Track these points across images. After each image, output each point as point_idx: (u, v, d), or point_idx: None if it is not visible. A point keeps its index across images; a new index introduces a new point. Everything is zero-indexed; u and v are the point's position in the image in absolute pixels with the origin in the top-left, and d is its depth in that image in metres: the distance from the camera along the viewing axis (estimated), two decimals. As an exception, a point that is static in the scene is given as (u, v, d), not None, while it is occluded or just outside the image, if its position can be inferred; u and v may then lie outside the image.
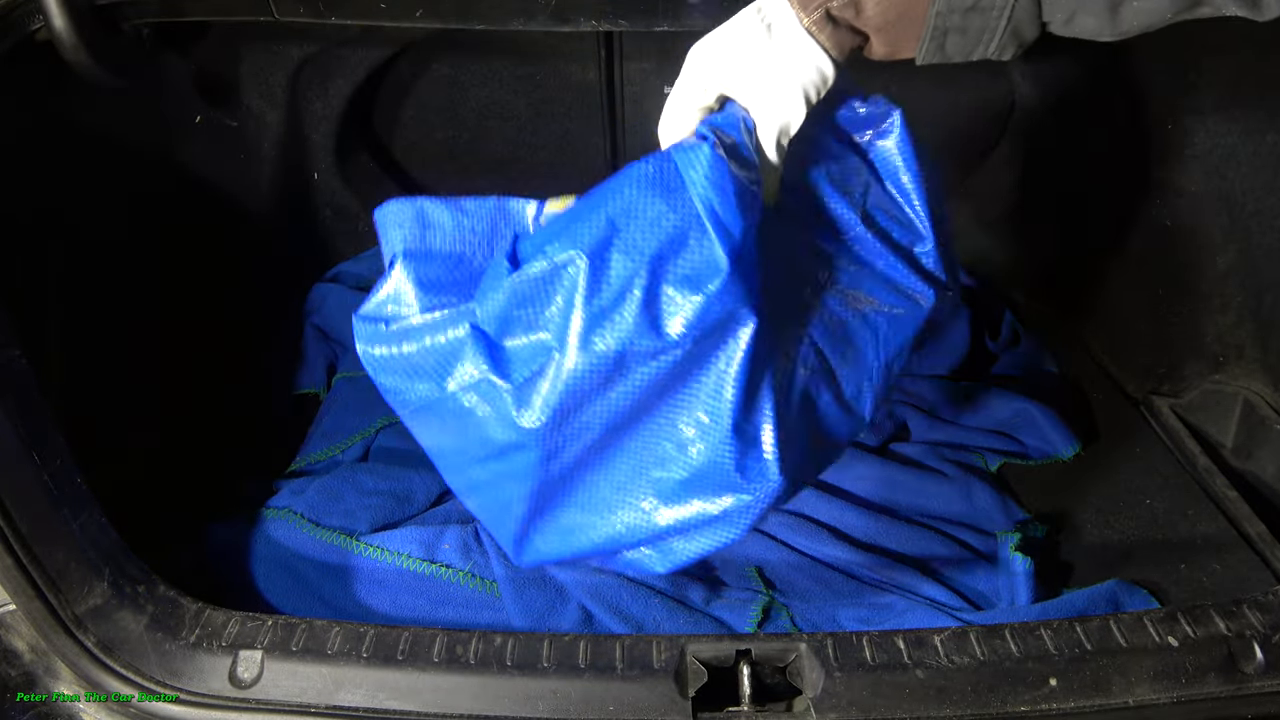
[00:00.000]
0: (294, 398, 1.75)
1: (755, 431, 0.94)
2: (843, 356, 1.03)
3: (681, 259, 0.88)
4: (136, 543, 1.12)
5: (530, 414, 0.91)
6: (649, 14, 1.13)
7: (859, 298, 1.06)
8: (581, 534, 1.01)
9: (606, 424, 0.93)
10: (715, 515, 0.95)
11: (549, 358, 0.90)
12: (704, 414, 0.93)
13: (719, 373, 0.91)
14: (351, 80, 1.87)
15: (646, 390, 0.91)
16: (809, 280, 1.03)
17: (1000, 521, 1.46)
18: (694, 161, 0.87)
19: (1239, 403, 1.60)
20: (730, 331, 0.90)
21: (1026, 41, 0.91)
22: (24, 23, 1.14)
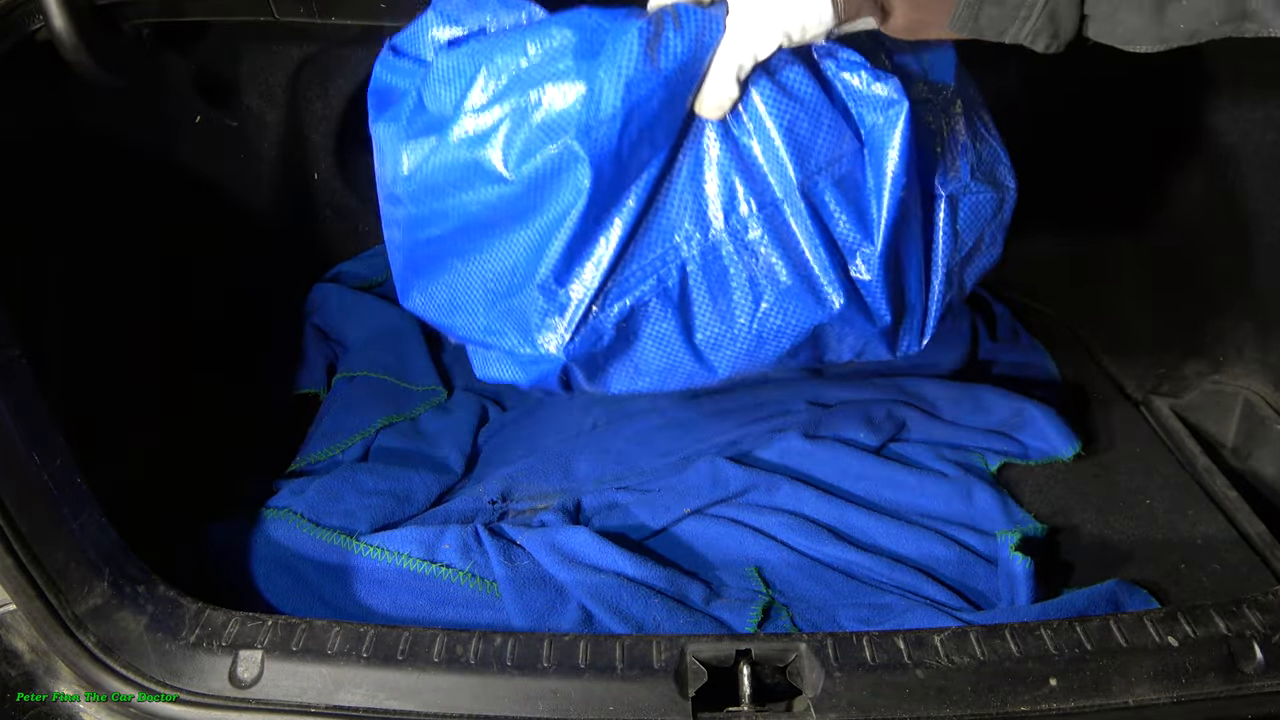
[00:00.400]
0: (294, 398, 1.75)
1: (564, 301, 0.99)
2: (710, 301, 1.02)
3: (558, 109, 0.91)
4: (136, 543, 1.12)
5: (405, 173, 1.01)
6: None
7: (756, 260, 1.01)
8: (439, 310, 1.09)
9: (461, 222, 1.00)
10: (516, 355, 1.03)
11: (433, 137, 0.98)
12: (527, 258, 0.98)
13: (549, 226, 0.96)
14: (351, 80, 1.87)
15: (493, 210, 0.98)
16: (712, 212, 1.00)
17: (1000, 521, 1.46)
18: (620, 45, 0.90)
19: (1239, 403, 1.60)
20: (572, 191, 0.93)
21: (1062, 32, 0.85)
22: (24, 23, 1.14)
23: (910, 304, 1.08)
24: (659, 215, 0.99)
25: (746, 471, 1.49)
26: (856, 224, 1.00)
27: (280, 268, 1.96)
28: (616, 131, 0.91)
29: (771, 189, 0.99)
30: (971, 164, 1.07)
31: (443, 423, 1.67)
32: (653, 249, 1.00)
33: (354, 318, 1.87)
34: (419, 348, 1.81)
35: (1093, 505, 1.53)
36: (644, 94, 0.90)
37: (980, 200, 1.08)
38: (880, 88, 0.98)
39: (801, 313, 1.01)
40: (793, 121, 0.96)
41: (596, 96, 0.90)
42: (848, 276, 1.02)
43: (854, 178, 1.00)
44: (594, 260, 0.98)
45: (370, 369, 1.75)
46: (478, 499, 1.47)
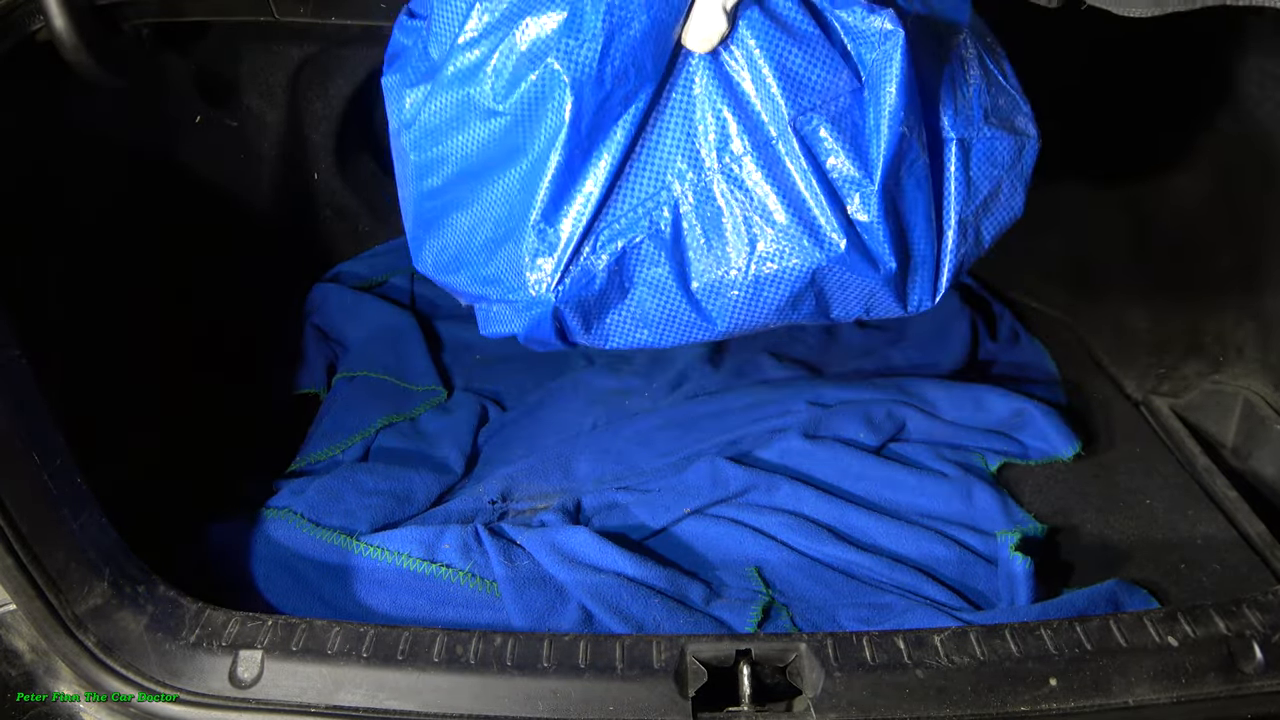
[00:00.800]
0: (294, 398, 1.75)
1: (553, 240, 0.98)
2: (705, 244, 1.00)
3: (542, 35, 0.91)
4: (136, 543, 1.12)
5: (407, 119, 1.02)
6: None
7: (751, 200, 0.98)
8: (445, 266, 1.09)
9: (458, 167, 1.01)
10: (512, 302, 1.02)
11: (430, 81, 0.99)
12: (520, 198, 0.98)
13: (537, 160, 0.95)
14: (351, 80, 1.87)
15: (486, 149, 0.98)
16: (704, 149, 0.98)
17: (1000, 521, 1.46)
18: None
19: (1239, 403, 1.60)
20: (555, 117, 0.93)
21: None
22: (24, 23, 1.14)
23: (920, 253, 1.03)
24: (649, 152, 0.97)
25: (746, 471, 1.49)
26: (855, 162, 0.97)
27: (280, 268, 1.96)
28: (597, 53, 0.90)
29: (765, 126, 0.96)
30: (986, 108, 1.03)
31: (443, 423, 1.67)
32: (644, 187, 0.98)
33: (354, 318, 1.87)
34: (419, 348, 1.81)
35: (1093, 505, 1.53)
36: (624, 17, 0.89)
37: (996, 146, 1.04)
38: (875, 20, 0.95)
39: (799, 254, 0.97)
40: (785, 56, 0.94)
41: (577, 18, 0.89)
42: (847, 217, 0.97)
43: (851, 115, 0.97)
44: (583, 195, 0.97)
45: (370, 369, 1.75)
46: (478, 499, 1.47)
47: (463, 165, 1.01)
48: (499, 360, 1.84)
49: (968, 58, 1.04)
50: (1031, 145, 1.07)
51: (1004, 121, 1.05)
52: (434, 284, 2.02)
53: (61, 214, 1.38)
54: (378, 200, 2.08)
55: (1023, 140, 1.06)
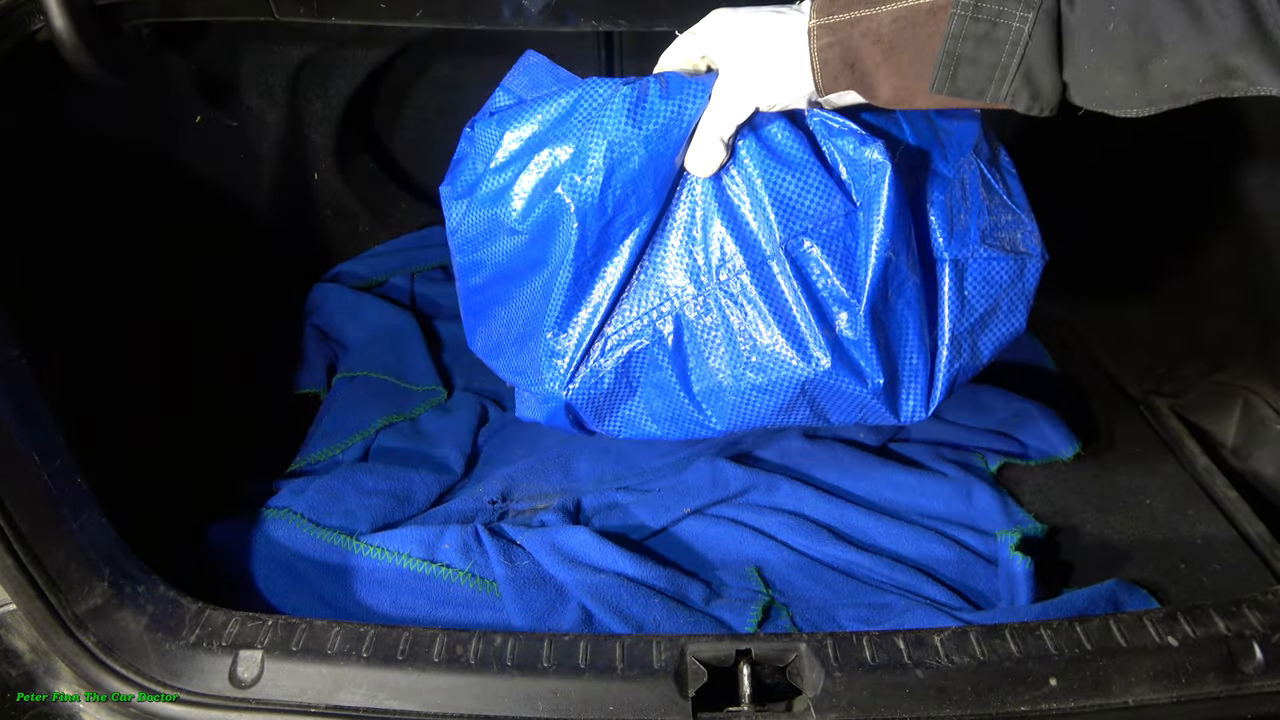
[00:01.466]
0: (294, 398, 1.75)
1: (565, 344, 1.09)
2: (702, 353, 1.07)
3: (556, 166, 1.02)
4: (136, 543, 1.12)
5: (452, 227, 1.13)
6: (649, 14, 1.13)
7: (745, 315, 1.05)
8: (489, 353, 1.21)
9: (493, 270, 1.12)
10: (536, 391, 1.12)
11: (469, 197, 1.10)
12: (540, 304, 1.09)
13: (552, 274, 1.06)
14: (351, 80, 1.87)
15: (513, 260, 1.09)
16: (704, 266, 1.05)
17: (1000, 521, 1.46)
18: (607, 110, 0.99)
19: (1239, 403, 1.60)
20: (565, 238, 1.03)
21: (1042, 94, 0.85)
22: (24, 23, 1.14)
23: (912, 368, 1.08)
24: (653, 267, 1.07)
25: (746, 471, 1.49)
26: (844, 282, 1.03)
27: (280, 268, 1.96)
28: (599, 185, 0.99)
29: (760, 246, 1.03)
30: (984, 229, 1.08)
31: (443, 423, 1.67)
32: (648, 300, 1.07)
33: (354, 318, 1.87)
34: (419, 347, 1.81)
35: (1093, 505, 1.53)
36: (624, 153, 0.98)
37: (993, 266, 1.08)
38: (867, 151, 1.01)
39: (787, 369, 1.04)
40: (779, 183, 1.01)
41: (582, 153, 0.99)
42: (834, 334, 1.04)
43: (843, 238, 1.03)
44: (591, 305, 1.07)
45: (370, 369, 1.75)
46: (478, 499, 1.47)
47: (496, 270, 1.13)
48: (499, 360, 1.84)
49: (969, 179, 1.08)
50: (1034, 264, 1.10)
51: (1004, 242, 1.09)
52: (434, 284, 2.04)
53: (61, 214, 1.38)
54: (378, 200, 2.08)
55: (1024, 260, 1.10)
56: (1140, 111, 0.84)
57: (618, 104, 0.98)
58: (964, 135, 1.10)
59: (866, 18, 0.88)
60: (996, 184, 1.10)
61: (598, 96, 1.00)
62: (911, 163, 1.06)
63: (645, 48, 1.93)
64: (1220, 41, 0.77)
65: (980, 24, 0.83)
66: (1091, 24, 0.81)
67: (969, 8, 0.83)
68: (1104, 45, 0.81)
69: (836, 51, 0.91)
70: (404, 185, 2.14)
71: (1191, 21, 0.77)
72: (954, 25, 0.84)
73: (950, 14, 0.84)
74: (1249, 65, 0.78)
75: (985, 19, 0.82)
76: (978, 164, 1.09)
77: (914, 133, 1.08)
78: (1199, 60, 0.79)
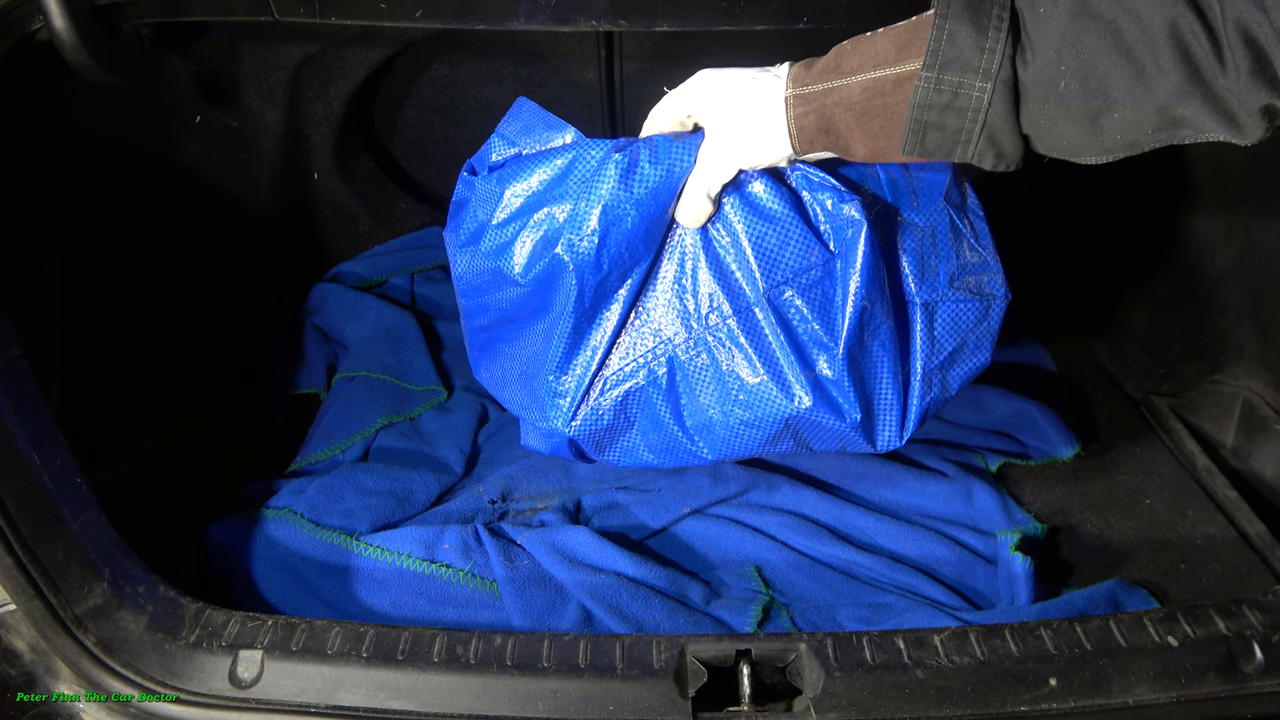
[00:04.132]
0: (294, 398, 1.75)
1: (567, 385, 1.16)
2: (694, 391, 1.15)
3: (554, 226, 1.08)
4: (136, 543, 1.12)
5: (457, 274, 1.20)
6: (649, 14, 1.13)
7: (733, 357, 1.13)
8: (494, 385, 1.28)
9: (496, 315, 1.21)
10: (541, 426, 1.20)
11: (472, 247, 1.17)
12: (542, 347, 1.17)
13: (553, 322, 1.14)
14: (351, 80, 1.87)
15: (515, 307, 1.17)
16: (694, 312, 1.14)
17: (1000, 521, 1.46)
18: (601, 174, 1.06)
19: (1239, 403, 1.60)
20: (564, 293, 1.10)
21: (1006, 152, 0.90)
22: (24, 23, 1.14)
23: (886, 402, 1.16)
24: (648, 313, 1.14)
25: (746, 471, 1.49)
26: (823, 327, 1.11)
27: (280, 268, 1.96)
28: (595, 245, 1.07)
29: (745, 294, 1.11)
30: (952, 274, 1.15)
31: (443, 423, 1.67)
32: (642, 343, 1.15)
33: (354, 318, 1.87)
34: (419, 347, 1.81)
35: (1093, 505, 1.53)
36: (618, 215, 1.06)
37: (960, 309, 1.16)
38: (844, 208, 1.09)
39: (771, 406, 1.12)
40: (761, 237, 1.09)
41: (579, 217, 1.06)
42: (815, 375, 1.11)
43: (822, 286, 1.10)
44: (589, 350, 1.15)
45: (370, 369, 1.75)
46: (478, 499, 1.47)
47: (500, 314, 1.20)
48: (499, 360, 1.84)
49: (939, 227, 1.16)
50: (998, 305, 1.18)
51: (970, 285, 1.17)
52: (434, 284, 2.04)
53: (62, 214, 1.38)
54: (378, 200, 2.08)
55: (989, 301, 1.17)
56: (1098, 160, 0.89)
57: (611, 170, 1.05)
58: (935, 183, 1.17)
59: (839, 88, 0.94)
60: (965, 229, 1.17)
61: (592, 160, 1.06)
62: (885, 212, 1.14)
63: (645, 48, 1.94)
64: (1164, 95, 0.81)
65: (943, 94, 0.88)
66: (1044, 85, 0.85)
67: (932, 80, 0.88)
68: (1058, 103, 0.86)
69: (812, 119, 0.97)
70: (404, 185, 2.15)
71: (1135, 77, 0.81)
72: (919, 95, 0.89)
73: (915, 85, 0.89)
74: (1193, 115, 0.82)
75: (947, 89, 0.88)
76: (948, 211, 1.16)
77: (888, 180, 1.16)
78: (1147, 113, 0.83)
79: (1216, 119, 0.81)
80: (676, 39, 1.91)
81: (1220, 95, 0.79)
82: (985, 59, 0.86)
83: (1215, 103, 0.80)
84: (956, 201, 1.18)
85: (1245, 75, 0.76)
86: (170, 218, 1.69)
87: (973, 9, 0.86)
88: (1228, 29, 0.76)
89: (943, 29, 0.87)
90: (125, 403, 1.50)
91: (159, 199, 1.67)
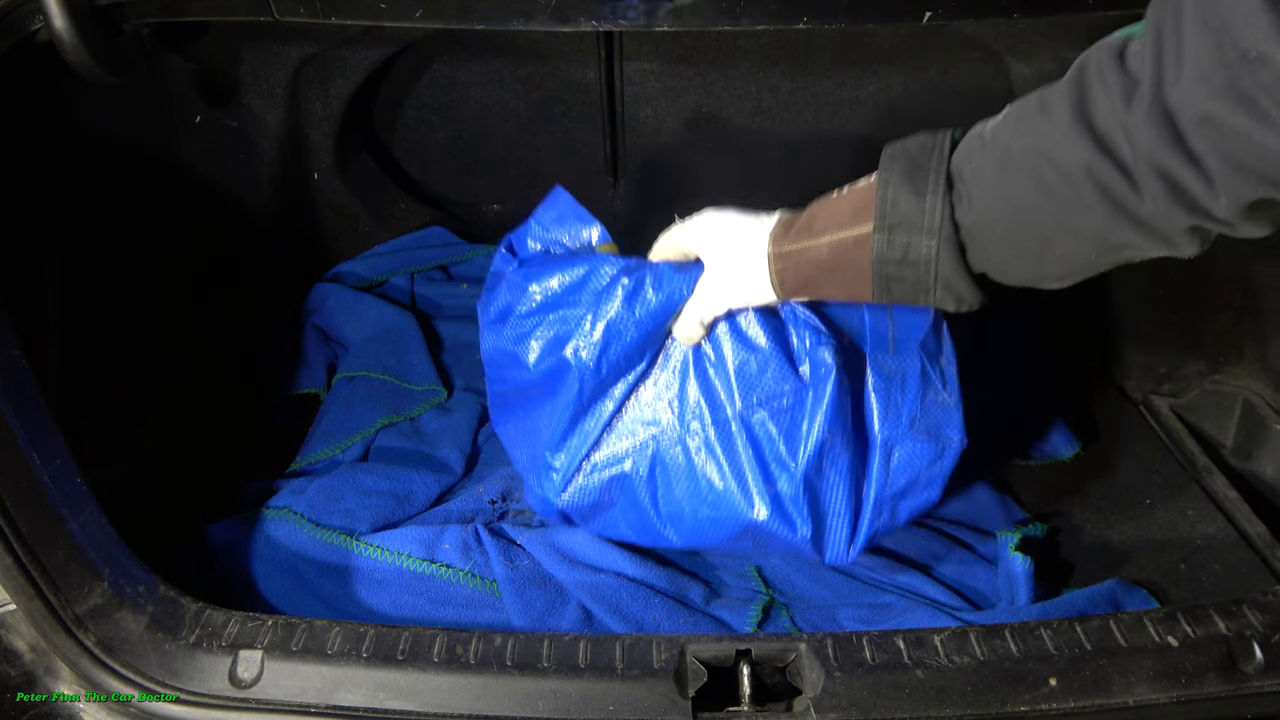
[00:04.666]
0: (294, 398, 1.75)
1: (562, 463, 1.29)
2: (669, 486, 1.26)
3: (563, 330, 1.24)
4: (136, 543, 1.12)
5: (484, 348, 1.38)
6: (649, 14, 1.13)
7: (704, 461, 1.24)
8: (506, 440, 1.44)
9: (511, 387, 1.37)
10: (536, 493, 1.34)
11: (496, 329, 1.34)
12: (545, 424, 1.30)
13: (555, 407, 1.29)
14: (351, 80, 1.87)
15: (527, 386, 1.32)
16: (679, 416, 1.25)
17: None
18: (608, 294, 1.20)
19: (1239, 403, 1.60)
20: (566, 389, 1.26)
21: (965, 297, 0.96)
22: (24, 23, 1.14)
23: (838, 522, 1.24)
24: (639, 409, 1.27)
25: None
26: (788, 449, 1.21)
27: (280, 268, 1.96)
28: (596, 354, 1.21)
29: (724, 409, 1.23)
30: (914, 417, 1.24)
31: (443, 422, 1.67)
32: (633, 434, 1.27)
33: (354, 318, 1.87)
34: (419, 347, 1.81)
35: (1093, 505, 1.53)
36: (619, 330, 1.20)
37: (917, 449, 1.24)
38: (819, 350, 1.20)
39: (732, 511, 1.23)
40: (743, 364, 1.21)
41: (586, 328, 1.21)
42: (774, 490, 1.22)
43: (792, 413, 1.21)
44: (582, 435, 1.28)
45: (370, 369, 1.75)
46: (478, 499, 1.47)
47: (515, 388, 1.37)
48: (499, 360, 1.84)
49: (909, 373, 1.25)
50: (952, 450, 1.25)
51: (930, 429, 1.25)
52: (434, 284, 2.04)
53: (61, 214, 1.38)
54: (378, 200, 2.08)
55: (945, 445, 1.25)
56: (1059, 285, 0.96)
57: (619, 292, 1.19)
58: (914, 328, 1.26)
59: (811, 248, 1.03)
60: (934, 376, 1.26)
61: (604, 276, 1.20)
62: (861, 352, 1.25)
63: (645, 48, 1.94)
64: (1094, 228, 0.86)
65: (895, 250, 0.95)
66: (985, 231, 0.91)
67: (884, 239, 0.95)
68: (1001, 246, 0.92)
69: (790, 274, 1.07)
70: (404, 185, 2.14)
71: (1063, 217, 0.86)
72: (875, 252, 0.96)
73: (871, 243, 0.96)
74: (1129, 239, 0.85)
75: (898, 246, 0.95)
76: (921, 358, 1.25)
77: (871, 321, 1.25)
78: (1084, 245, 0.89)
79: (1151, 241, 0.84)
80: (677, 39, 1.91)
81: (1147, 222, 0.82)
82: (927, 219, 0.93)
83: (1144, 229, 0.83)
84: (931, 349, 1.27)
85: (1164, 203, 0.78)
86: (170, 218, 1.69)
87: (911, 176, 0.94)
88: (1139, 166, 0.78)
89: (885, 196, 0.95)
90: (125, 403, 1.50)
91: (159, 199, 1.67)
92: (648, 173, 2.15)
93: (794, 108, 2.02)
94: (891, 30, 1.87)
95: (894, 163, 0.96)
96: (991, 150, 0.90)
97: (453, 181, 2.19)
